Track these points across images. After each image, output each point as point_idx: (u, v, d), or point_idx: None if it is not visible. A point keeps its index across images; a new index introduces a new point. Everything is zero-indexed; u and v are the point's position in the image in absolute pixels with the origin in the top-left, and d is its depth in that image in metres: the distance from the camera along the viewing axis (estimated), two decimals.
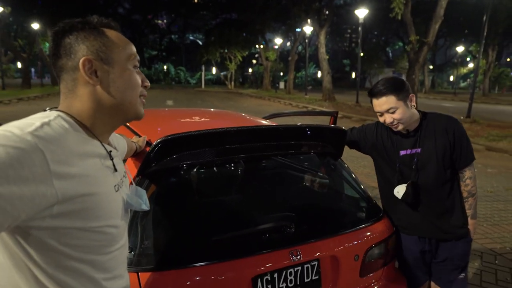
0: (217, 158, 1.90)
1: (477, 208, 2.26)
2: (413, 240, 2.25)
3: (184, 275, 1.56)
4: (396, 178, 2.17)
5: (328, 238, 1.90)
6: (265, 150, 2.03)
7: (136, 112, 1.08)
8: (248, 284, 1.66)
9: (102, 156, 1.01)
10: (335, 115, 3.03)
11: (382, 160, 2.29)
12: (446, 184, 2.14)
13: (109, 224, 0.98)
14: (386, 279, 2.16)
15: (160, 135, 1.62)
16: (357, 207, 2.29)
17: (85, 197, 0.89)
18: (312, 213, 2.17)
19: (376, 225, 2.12)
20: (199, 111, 2.96)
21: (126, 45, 1.06)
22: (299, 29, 35.52)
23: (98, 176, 0.96)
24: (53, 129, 0.86)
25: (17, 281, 0.88)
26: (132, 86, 1.05)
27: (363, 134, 2.35)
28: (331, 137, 2.23)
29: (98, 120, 1.01)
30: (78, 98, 0.99)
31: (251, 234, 1.81)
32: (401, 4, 17.49)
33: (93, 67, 0.98)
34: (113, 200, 1.02)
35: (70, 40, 0.98)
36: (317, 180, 2.48)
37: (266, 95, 33.82)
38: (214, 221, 1.91)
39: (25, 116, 0.90)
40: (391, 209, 2.30)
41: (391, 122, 2.07)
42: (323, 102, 25.38)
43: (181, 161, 1.79)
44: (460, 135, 2.10)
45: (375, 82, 2.20)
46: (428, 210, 2.16)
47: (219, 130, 1.82)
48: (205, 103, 24.55)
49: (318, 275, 1.85)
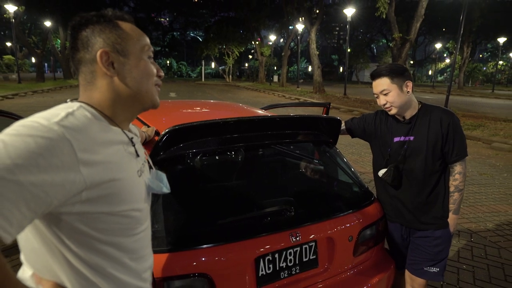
0: (220, 146, 1.86)
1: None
2: (395, 226, 2.19)
3: (193, 256, 1.52)
4: (385, 163, 2.10)
5: (324, 221, 1.87)
6: (266, 139, 1.98)
7: (152, 101, 1.04)
8: (252, 264, 1.63)
9: (124, 143, 0.98)
10: (328, 106, 2.99)
11: (377, 146, 2.21)
12: (433, 176, 2.03)
13: (133, 207, 0.95)
14: (376, 258, 2.14)
15: (166, 125, 1.58)
16: (351, 191, 2.25)
17: (110, 183, 0.86)
18: (310, 198, 2.13)
19: (368, 209, 2.09)
20: (201, 103, 2.91)
21: (140, 36, 1.01)
22: (291, 27, 35.20)
23: (122, 162, 0.93)
24: (78, 119, 0.84)
25: (51, 265, 0.87)
26: (147, 76, 1.01)
27: (363, 122, 2.27)
28: (327, 126, 2.18)
29: (118, 109, 0.98)
30: (97, 89, 0.95)
31: (254, 218, 1.78)
32: (386, 4, 17.47)
33: (110, 59, 0.94)
34: (136, 185, 0.99)
35: (86, 33, 0.94)
36: (314, 166, 2.44)
37: (261, 87, 33.54)
38: (219, 206, 1.88)
39: (40, 106, 0.86)
40: (379, 194, 2.25)
41: (384, 104, 2.00)
42: (314, 94, 25.20)
43: (187, 150, 1.75)
44: (454, 129, 1.98)
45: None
46: (410, 199, 2.06)
47: (222, 120, 1.77)
48: (205, 95, 24.37)
49: (315, 255, 1.83)
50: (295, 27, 31.95)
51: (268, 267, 1.67)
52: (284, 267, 1.72)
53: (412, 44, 18.21)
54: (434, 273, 2.07)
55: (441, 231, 2.06)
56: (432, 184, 2.04)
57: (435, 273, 2.07)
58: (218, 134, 1.83)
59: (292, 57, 48.75)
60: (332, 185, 2.37)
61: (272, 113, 2.56)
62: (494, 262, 3.64)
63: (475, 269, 3.48)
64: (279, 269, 1.71)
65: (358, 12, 26.81)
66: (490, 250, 3.88)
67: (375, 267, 2.08)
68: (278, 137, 2.03)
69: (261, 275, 1.66)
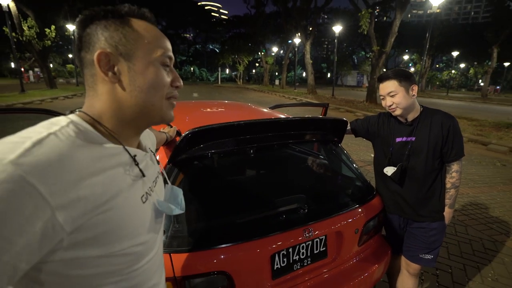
0: (236, 147, 1.54)
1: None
2: (394, 217, 1.90)
3: (212, 255, 1.24)
4: (387, 161, 1.80)
5: (334, 216, 1.57)
6: (279, 140, 1.66)
7: (162, 116, 0.67)
8: (268, 260, 1.34)
9: (125, 164, 0.62)
10: (327, 106, 2.68)
11: (379, 146, 1.90)
12: (432, 173, 1.74)
13: (133, 244, 0.61)
14: (376, 246, 1.85)
15: (187, 125, 1.30)
16: (356, 187, 1.94)
17: (100, 216, 0.53)
18: (320, 195, 1.83)
19: (371, 203, 1.79)
20: (218, 103, 2.59)
21: (155, 39, 0.65)
22: (290, 41, 34.60)
23: (119, 187, 0.58)
24: (51, 148, 0.49)
25: None
26: (156, 86, 0.64)
27: (367, 123, 1.96)
28: (335, 127, 1.86)
29: (120, 122, 0.63)
30: (98, 97, 0.62)
31: (270, 216, 1.48)
32: (367, 23, 17.04)
33: (110, 62, 0.60)
34: (138, 215, 0.63)
35: (90, 30, 0.61)
36: (322, 164, 2.13)
37: (265, 89, 33.11)
38: (237, 205, 1.57)
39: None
40: (379, 188, 1.94)
41: (390, 105, 1.69)
42: (308, 95, 24.70)
43: (206, 150, 1.44)
44: (454, 132, 1.69)
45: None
46: (410, 194, 1.77)
47: (238, 122, 1.45)
48: (221, 95, 24.02)
49: (325, 247, 1.54)
50: (293, 41, 31.49)
51: (282, 261, 1.39)
52: (297, 259, 1.44)
53: (388, 55, 17.84)
54: (428, 259, 1.80)
55: (437, 223, 1.78)
56: (430, 181, 1.75)
57: (429, 259, 1.80)
58: (234, 135, 1.52)
59: (290, 65, 48.18)
60: (339, 182, 2.06)
61: (279, 112, 2.26)
62: (463, 239, 3.39)
63: (449, 245, 3.22)
64: (293, 262, 1.43)
65: (344, 29, 26.41)
66: (459, 228, 3.62)
67: (376, 253, 1.80)
68: (290, 137, 1.71)
69: (276, 269, 1.38)
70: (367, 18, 16.93)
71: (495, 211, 4.14)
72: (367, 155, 6.58)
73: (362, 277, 1.59)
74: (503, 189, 5.00)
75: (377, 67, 17.86)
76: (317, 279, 1.50)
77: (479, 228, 3.64)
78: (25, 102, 13.74)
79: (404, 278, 1.92)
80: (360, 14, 17.18)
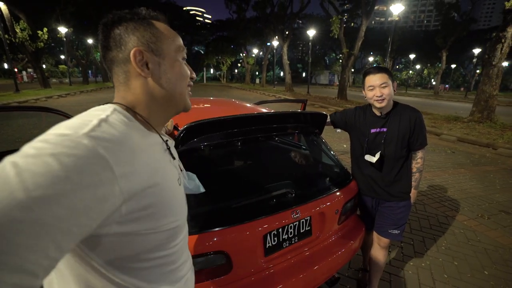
0: (228, 139, 1.53)
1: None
2: (367, 198, 1.95)
3: (212, 237, 1.23)
4: (364, 150, 1.85)
5: (317, 199, 1.59)
6: (269, 132, 1.66)
7: (185, 104, 0.70)
8: (261, 239, 1.35)
9: (161, 147, 0.65)
10: (305, 102, 2.70)
11: (356, 136, 1.94)
12: (400, 160, 1.80)
13: (174, 220, 0.62)
14: (352, 224, 1.90)
15: (181, 120, 1.29)
16: (335, 173, 1.97)
17: (150, 189, 0.54)
18: (305, 180, 1.85)
19: (348, 186, 1.83)
20: (208, 100, 2.54)
21: (175, 37, 0.67)
22: (269, 43, 34.32)
23: (161, 167, 0.60)
24: (113, 126, 0.52)
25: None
26: (182, 78, 0.67)
27: (345, 115, 1.98)
28: (316, 120, 1.88)
29: (153, 112, 0.64)
30: (130, 91, 0.62)
31: (263, 200, 1.48)
32: (338, 28, 17.27)
33: (144, 59, 0.61)
34: (176, 195, 0.64)
35: (119, 31, 0.60)
36: (306, 154, 2.14)
37: (247, 87, 32.81)
38: (232, 191, 1.56)
39: (86, 102, 0.53)
40: (354, 173, 1.99)
41: (380, 96, 1.68)
42: (286, 92, 24.71)
43: (203, 142, 1.42)
44: (419, 124, 1.75)
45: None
46: (383, 177, 1.82)
47: (230, 117, 1.43)
48: (207, 93, 23.68)
49: (310, 227, 1.56)
50: (271, 44, 31.19)
51: (273, 240, 1.40)
52: (286, 238, 1.46)
53: (356, 57, 18.13)
54: (396, 234, 1.88)
55: (404, 202, 1.84)
56: (399, 166, 1.81)
57: (396, 234, 1.88)
58: (227, 128, 1.51)
59: (269, 65, 48.02)
60: (321, 169, 2.08)
61: (263, 107, 2.25)
62: (422, 215, 3.54)
63: (410, 222, 3.36)
64: (282, 240, 1.45)
65: (317, 33, 26.56)
66: (418, 207, 3.77)
67: (352, 230, 1.85)
68: (278, 129, 1.71)
69: (268, 247, 1.39)
70: (337, 24, 17.15)
71: (447, 191, 4.35)
72: (340, 145, 6.72)
73: (341, 251, 1.64)
74: (453, 173, 5.26)
75: (346, 67, 18.12)
76: (303, 255, 1.53)
77: (434, 206, 3.82)
78: (20, 101, 12.96)
79: (376, 251, 1.99)
80: (331, 20, 17.43)
